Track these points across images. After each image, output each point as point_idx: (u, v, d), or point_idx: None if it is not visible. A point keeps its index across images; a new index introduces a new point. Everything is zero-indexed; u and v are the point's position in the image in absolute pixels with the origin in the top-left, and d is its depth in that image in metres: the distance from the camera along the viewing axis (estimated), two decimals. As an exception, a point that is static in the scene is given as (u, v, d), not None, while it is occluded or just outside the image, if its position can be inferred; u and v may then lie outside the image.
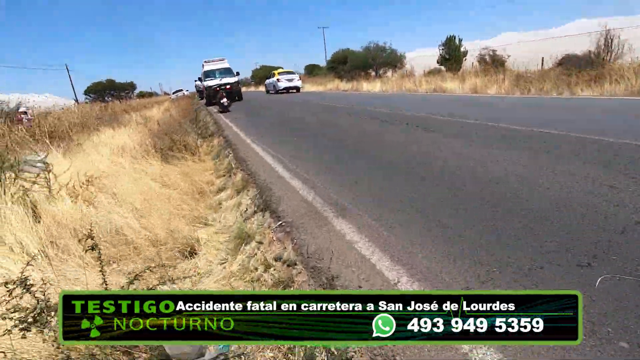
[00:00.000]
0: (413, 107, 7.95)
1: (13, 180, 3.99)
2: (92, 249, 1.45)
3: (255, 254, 2.32)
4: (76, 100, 45.97)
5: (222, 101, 12.96)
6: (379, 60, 27.40)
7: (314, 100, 14.10)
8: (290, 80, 22.45)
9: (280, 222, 2.61)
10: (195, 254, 2.64)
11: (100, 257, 1.47)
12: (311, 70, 50.14)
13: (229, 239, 2.68)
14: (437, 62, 25.11)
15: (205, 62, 19.41)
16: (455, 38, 23.27)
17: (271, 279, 2.00)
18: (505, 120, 5.27)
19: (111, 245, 2.80)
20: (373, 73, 27.78)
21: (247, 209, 3.13)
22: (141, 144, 6.44)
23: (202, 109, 17.78)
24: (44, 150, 6.48)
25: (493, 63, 17.39)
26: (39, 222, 3.55)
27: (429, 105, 8.22)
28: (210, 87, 17.30)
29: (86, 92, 47.02)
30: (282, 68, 26.43)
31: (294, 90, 22.26)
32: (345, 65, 28.96)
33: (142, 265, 2.37)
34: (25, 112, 17.36)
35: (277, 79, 22.91)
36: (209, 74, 18.46)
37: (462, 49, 22.98)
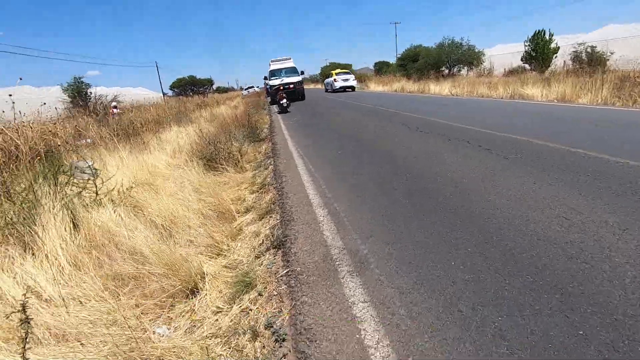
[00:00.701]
0: (491, 121, 6.88)
1: (64, 185, 4.22)
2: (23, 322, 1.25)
3: (250, 311, 2.01)
4: (164, 94, 50.96)
5: (281, 102, 13.02)
6: (454, 57, 25.48)
7: (374, 103, 13.47)
8: (345, 80, 23.89)
9: (287, 271, 2.26)
10: (198, 292, 2.43)
11: (25, 337, 1.27)
12: (380, 68, 48.90)
13: (233, 281, 2.41)
14: (522, 60, 22.49)
15: (272, 61, 19.84)
16: (544, 32, 20.57)
17: (253, 356, 1.67)
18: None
19: (123, 263, 2.72)
20: (446, 71, 25.95)
21: (262, 242, 2.84)
22: (193, 147, 6.60)
23: (266, 107, 18.24)
24: (115, 148, 6.98)
25: (590, 63, 14.91)
26: (78, 230, 3.70)
27: (515, 119, 6.85)
28: (273, 86, 17.60)
29: (171, 87, 51.72)
30: (343, 68, 29.15)
31: (350, 90, 23.67)
32: (415, 63, 27.52)
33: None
34: (115, 107, 19.51)
35: (334, 79, 24.44)
36: (274, 73, 18.82)
37: (552, 45, 20.25)
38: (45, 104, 10.75)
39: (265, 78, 19.84)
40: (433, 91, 15.61)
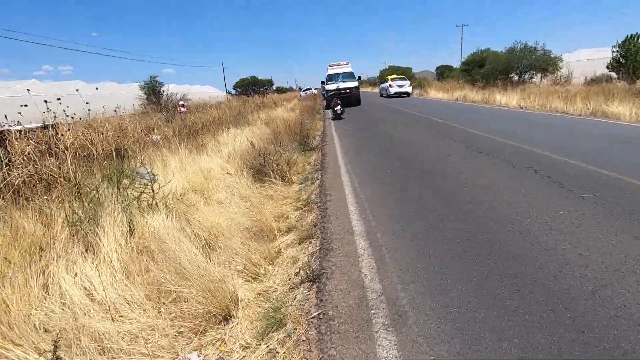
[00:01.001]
0: (565, 144, 6.10)
1: (126, 188, 4.54)
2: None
3: (277, 354, 1.94)
4: (228, 93, 53.91)
5: (335, 108, 12.97)
6: (526, 63, 23.45)
7: (432, 113, 12.84)
8: (400, 86, 24.43)
9: (319, 313, 2.16)
10: (231, 319, 2.43)
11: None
12: (442, 72, 46.81)
13: (264, 312, 2.37)
14: (607, 68, 20.00)
15: (330, 65, 19.93)
16: (638, 37, 18.07)
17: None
18: None
19: (167, 274, 2.81)
20: (515, 78, 23.99)
21: (299, 271, 2.77)
22: (245, 155, 6.79)
23: (321, 111, 18.35)
24: (175, 149, 7.42)
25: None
26: (133, 234, 3.94)
27: (596, 144, 5.90)
28: (329, 91, 17.64)
29: (234, 87, 54.46)
30: (403, 72, 30.36)
31: (405, 95, 24.24)
32: (481, 68, 25.83)
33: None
34: (183, 105, 20.95)
35: (389, 84, 25.01)
36: (331, 78, 18.87)
37: (648, 52, 17.72)
38: (119, 107, 11.78)
39: (323, 82, 19.98)
40: (499, 102, 14.47)
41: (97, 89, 39.22)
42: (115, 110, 12.40)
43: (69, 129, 6.44)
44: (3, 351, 2.21)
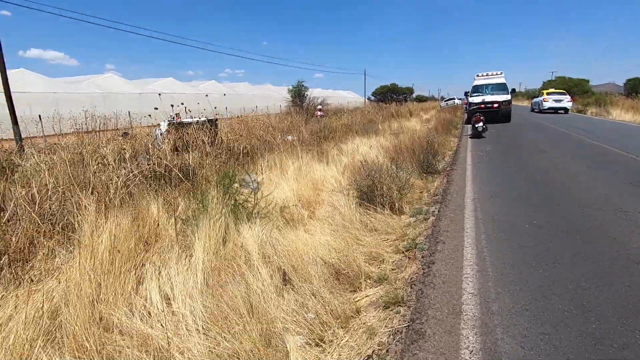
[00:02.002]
0: None
1: (234, 194, 4.60)
2: None
3: None
4: (368, 99, 55.04)
5: (476, 125, 11.22)
6: None
7: (624, 145, 9.74)
8: (558, 100, 22.12)
9: None
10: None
11: None
12: (634, 87, 36.58)
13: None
14: None
15: (477, 75, 17.67)
16: None
17: None
18: None
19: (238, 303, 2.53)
20: None
21: (370, 356, 2.07)
22: (360, 168, 6.29)
23: (459, 126, 16.41)
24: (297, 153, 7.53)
25: None
26: (226, 245, 3.91)
27: None
28: (473, 104, 15.56)
29: (373, 94, 55.10)
30: (577, 84, 27.63)
31: (562, 111, 22.01)
32: None
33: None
34: (320, 109, 22.06)
35: (544, 99, 22.82)
36: (477, 89, 16.68)
37: None
38: (267, 107, 12.86)
39: (466, 93, 17.88)
40: None
41: (256, 93, 45.89)
42: (252, 110, 13.70)
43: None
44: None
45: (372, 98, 55.30)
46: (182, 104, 10.38)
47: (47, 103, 21.70)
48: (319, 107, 22.41)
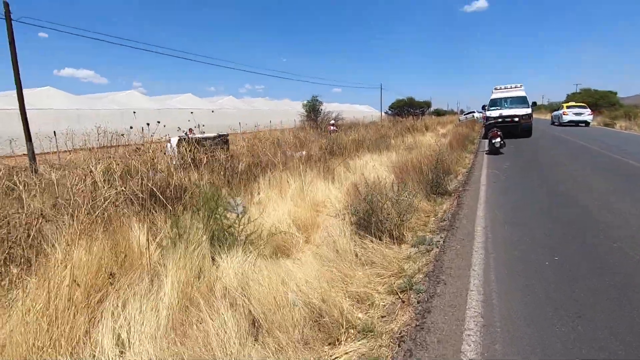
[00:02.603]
0: None
1: (218, 218, 4.23)
2: None
3: None
4: (385, 113, 54.64)
5: (493, 140, 10.58)
6: None
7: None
8: (578, 114, 22.19)
9: None
10: None
11: None
12: (667, 99, 34.59)
13: None
14: None
15: (495, 88, 17.02)
16: None
17: None
18: None
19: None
20: None
21: None
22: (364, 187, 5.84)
23: (476, 141, 15.72)
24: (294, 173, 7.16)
25: None
26: (201, 278, 3.52)
27: None
28: (491, 117, 14.88)
29: (390, 107, 54.64)
30: (602, 97, 28.19)
31: (583, 124, 21.98)
32: None
33: None
34: (333, 124, 21.81)
35: (564, 112, 23.07)
36: (495, 102, 16.01)
37: None
38: (281, 122, 12.69)
39: (484, 107, 17.21)
40: None
41: (271, 107, 46.36)
42: (264, 126, 13.54)
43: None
44: None
45: (390, 112, 54.84)
46: (200, 125, 10.28)
47: (70, 119, 22.42)
48: (332, 121, 22.14)
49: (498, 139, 10.47)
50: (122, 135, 10.47)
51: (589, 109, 22.92)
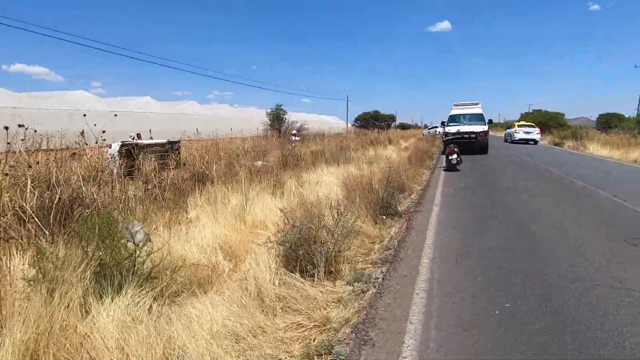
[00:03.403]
0: None
1: (111, 248, 3.37)
2: None
3: None
4: (353, 124, 54.92)
5: (450, 157, 10.40)
6: None
7: (609, 184, 9.03)
8: (527, 132, 23.77)
9: None
10: None
11: None
12: (607, 121, 37.53)
13: None
14: None
15: (454, 105, 17.24)
16: None
17: None
18: None
19: None
20: None
21: None
22: (310, 204, 5.17)
23: (434, 157, 15.71)
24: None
25: None
26: (66, 330, 2.68)
27: None
28: (449, 133, 14.94)
29: (355, 119, 55.17)
30: (552, 118, 30.99)
31: (532, 142, 23.49)
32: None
33: None
34: (294, 134, 21.17)
35: (515, 130, 24.57)
36: (454, 119, 16.16)
37: None
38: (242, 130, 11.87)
39: (443, 122, 17.37)
40: None
41: (236, 115, 45.21)
42: (217, 133, 12.68)
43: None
44: None
45: (356, 124, 55.35)
46: (150, 130, 9.24)
47: (3, 117, 20.13)
48: (294, 132, 21.50)
49: (455, 156, 10.31)
50: (50, 137, 9.16)
51: (537, 128, 24.63)
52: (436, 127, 46.26)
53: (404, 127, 64.00)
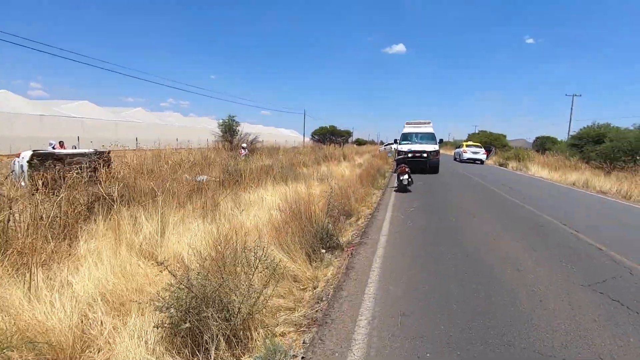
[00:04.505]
0: None
1: None
2: None
3: None
4: (311, 139, 54.45)
5: (401, 178, 9.93)
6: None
7: (554, 210, 8.96)
8: (475, 152, 25.23)
9: None
10: None
11: None
12: (542, 144, 40.49)
13: None
14: None
15: (407, 123, 17.20)
16: None
17: None
18: None
19: None
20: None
21: None
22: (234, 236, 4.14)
23: (387, 176, 15.39)
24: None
25: None
26: None
27: None
28: (401, 152, 14.71)
29: (313, 134, 54.90)
30: (496, 139, 32.94)
31: (478, 162, 24.78)
32: (598, 145, 20.39)
33: None
34: (244, 147, 19.92)
35: (464, 150, 25.86)
36: (406, 137, 16.03)
37: None
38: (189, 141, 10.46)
39: (396, 140, 17.23)
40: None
41: (182, 125, 42.81)
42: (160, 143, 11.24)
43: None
44: None
45: (314, 138, 55.07)
46: (78, 138, 7.66)
47: None
48: (243, 144, 20.22)
49: (406, 176, 9.86)
50: None
51: (483, 149, 26.04)
52: (391, 143, 47.28)
53: (359, 142, 64.93)
